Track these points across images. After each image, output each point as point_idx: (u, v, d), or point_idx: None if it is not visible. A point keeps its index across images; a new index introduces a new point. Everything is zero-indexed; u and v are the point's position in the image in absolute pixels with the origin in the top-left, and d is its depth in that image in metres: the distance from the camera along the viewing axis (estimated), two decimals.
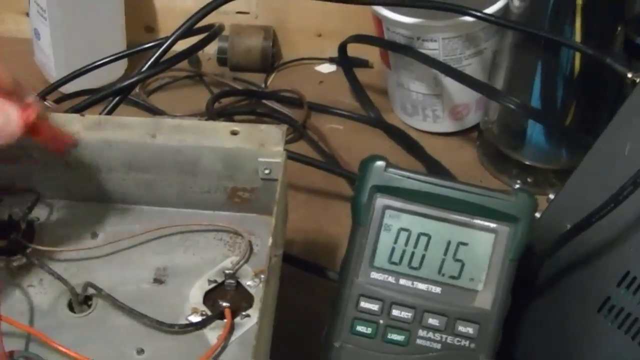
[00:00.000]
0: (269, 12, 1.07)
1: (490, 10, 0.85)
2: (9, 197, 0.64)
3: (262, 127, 0.63)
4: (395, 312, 0.57)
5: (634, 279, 0.56)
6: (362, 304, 0.57)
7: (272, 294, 0.58)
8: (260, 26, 1.07)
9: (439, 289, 0.57)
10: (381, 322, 0.57)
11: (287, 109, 0.99)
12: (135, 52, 0.89)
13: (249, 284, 0.60)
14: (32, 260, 0.61)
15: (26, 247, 0.62)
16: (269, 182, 0.62)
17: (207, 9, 0.82)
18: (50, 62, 0.99)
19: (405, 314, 0.57)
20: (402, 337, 0.57)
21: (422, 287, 0.57)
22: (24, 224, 0.63)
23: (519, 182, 0.88)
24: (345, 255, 0.58)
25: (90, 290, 0.59)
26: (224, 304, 0.59)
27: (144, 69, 0.79)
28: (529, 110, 0.84)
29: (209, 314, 0.58)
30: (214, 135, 0.62)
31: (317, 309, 0.69)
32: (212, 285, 0.60)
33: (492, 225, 0.57)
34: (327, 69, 1.08)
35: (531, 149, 0.87)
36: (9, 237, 0.62)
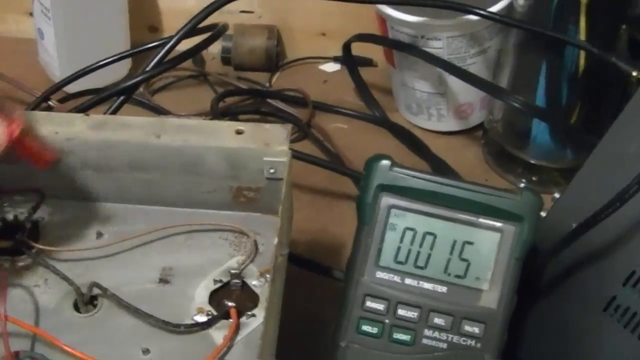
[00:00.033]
0: (273, 12, 1.07)
1: (494, 8, 0.85)
2: (14, 197, 0.64)
3: (267, 126, 0.63)
4: (401, 311, 0.57)
5: (639, 279, 0.56)
6: (367, 303, 0.57)
7: (278, 294, 0.58)
8: (264, 25, 1.06)
9: (444, 289, 0.57)
10: (387, 321, 0.57)
11: (292, 108, 0.99)
12: (139, 51, 0.89)
13: (254, 283, 0.60)
14: (37, 260, 0.61)
15: (31, 247, 0.62)
16: (274, 182, 0.62)
17: (210, 9, 0.82)
18: (54, 61, 0.99)
19: (411, 314, 0.57)
20: (408, 336, 0.57)
21: (427, 286, 0.57)
22: (29, 224, 0.63)
23: (523, 181, 0.88)
24: (350, 254, 0.58)
25: (95, 290, 0.59)
26: (230, 304, 0.58)
27: (148, 68, 0.79)
28: (534, 109, 0.84)
29: (215, 313, 0.58)
30: (218, 134, 0.62)
31: (320, 308, 0.69)
32: (218, 285, 0.60)
33: (498, 224, 0.57)
34: (331, 68, 1.08)
35: (536, 148, 0.87)
36: (14, 237, 0.62)
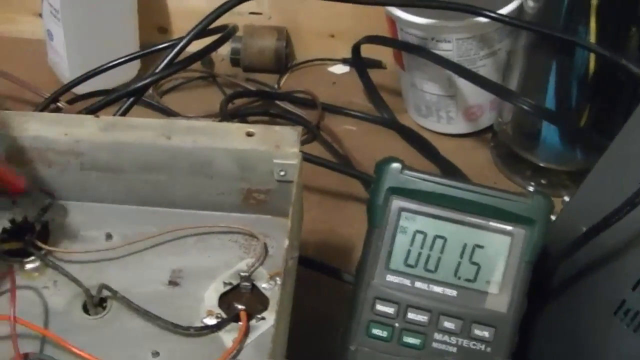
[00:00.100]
0: (282, 13, 1.07)
1: (504, 10, 0.85)
2: (23, 198, 0.64)
3: (277, 128, 0.63)
4: (411, 315, 0.57)
5: None
6: (377, 306, 0.57)
7: (288, 297, 0.58)
8: (273, 27, 1.06)
9: (454, 292, 0.57)
10: (397, 325, 0.57)
11: (301, 110, 0.99)
12: (148, 53, 0.89)
13: (264, 286, 0.60)
14: (46, 262, 0.61)
15: (41, 248, 0.62)
16: (284, 184, 0.62)
17: (220, 10, 0.82)
18: (63, 62, 0.99)
19: (421, 317, 0.57)
20: (418, 340, 0.57)
21: (437, 290, 0.57)
22: (38, 226, 0.63)
23: (532, 183, 0.88)
24: (360, 257, 0.58)
25: (105, 292, 0.59)
26: (240, 307, 0.58)
27: (158, 69, 0.79)
28: (543, 111, 0.84)
29: (224, 316, 0.58)
30: (228, 136, 0.62)
31: (328, 310, 0.69)
32: (228, 287, 0.60)
33: (508, 227, 0.57)
34: (340, 69, 1.08)
35: (545, 151, 0.87)
36: (23, 238, 0.62)
